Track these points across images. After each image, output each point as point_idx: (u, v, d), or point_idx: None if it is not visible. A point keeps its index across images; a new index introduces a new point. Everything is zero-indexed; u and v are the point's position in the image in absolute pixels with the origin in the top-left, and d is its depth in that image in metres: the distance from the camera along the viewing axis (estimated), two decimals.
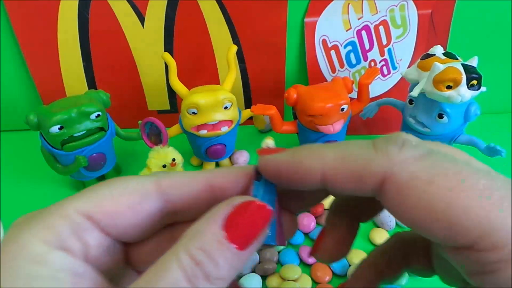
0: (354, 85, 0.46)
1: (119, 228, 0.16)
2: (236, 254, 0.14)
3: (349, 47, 0.51)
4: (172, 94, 0.56)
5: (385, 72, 0.52)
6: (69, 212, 0.15)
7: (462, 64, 0.37)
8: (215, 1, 0.49)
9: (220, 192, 0.17)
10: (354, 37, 0.50)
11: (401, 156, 0.14)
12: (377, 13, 0.49)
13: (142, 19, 0.50)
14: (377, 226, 0.42)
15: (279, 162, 0.16)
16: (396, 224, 0.42)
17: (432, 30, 0.50)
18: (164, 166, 0.43)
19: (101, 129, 0.43)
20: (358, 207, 0.19)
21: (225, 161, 0.50)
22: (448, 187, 0.13)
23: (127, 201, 0.16)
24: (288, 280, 0.36)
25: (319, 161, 0.15)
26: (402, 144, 0.14)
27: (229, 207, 0.14)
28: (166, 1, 0.49)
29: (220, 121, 0.44)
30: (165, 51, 0.52)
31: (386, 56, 0.51)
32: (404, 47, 0.50)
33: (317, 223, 0.42)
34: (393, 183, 0.13)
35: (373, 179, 0.14)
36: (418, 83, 0.41)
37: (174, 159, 0.43)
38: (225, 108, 0.44)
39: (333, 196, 0.19)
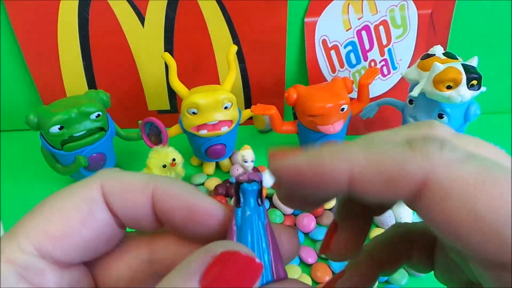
0: (354, 85, 0.46)
1: (74, 250, 0.14)
2: None
3: (349, 47, 0.51)
4: (172, 94, 0.56)
5: (385, 72, 0.52)
6: (13, 255, 0.13)
7: (462, 64, 0.37)
8: (215, 1, 0.49)
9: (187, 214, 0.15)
10: (354, 37, 0.50)
11: (443, 157, 0.12)
12: (377, 13, 0.49)
13: (142, 19, 0.50)
14: (377, 226, 0.42)
15: (298, 167, 0.13)
16: None
17: (432, 30, 0.50)
18: (164, 166, 0.43)
19: (101, 129, 0.43)
20: None
21: (225, 161, 0.50)
22: (502, 196, 0.11)
23: (76, 216, 0.14)
24: None
25: (346, 162, 0.13)
26: (441, 143, 0.12)
27: (207, 257, 0.12)
28: (166, 1, 0.49)
29: (220, 121, 0.44)
30: (165, 51, 0.52)
31: (386, 56, 0.51)
32: (404, 47, 0.50)
33: (317, 223, 0.42)
34: (436, 187, 0.11)
35: (411, 182, 0.12)
36: (418, 83, 0.41)
37: (174, 159, 0.43)
38: (225, 108, 0.44)
39: (356, 203, 0.16)
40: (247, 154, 0.16)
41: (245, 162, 0.16)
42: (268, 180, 0.15)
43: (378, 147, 0.13)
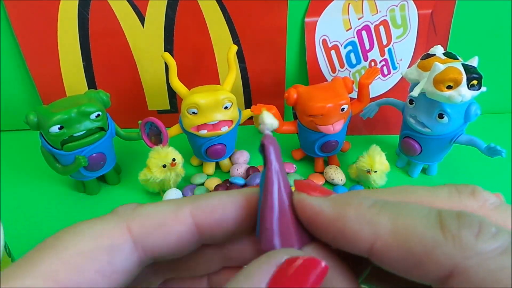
0: (354, 85, 0.46)
1: None
2: None
3: (349, 47, 0.51)
4: (172, 94, 0.56)
5: (385, 72, 0.52)
6: None
7: (463, 64, 0.37)
8: (215, 1, 0.49)
9: (214, 225, 0.14)
10: (354, 37, 0.50)
11: (478, 248, 0.10)
12: (377, 13, 0.49)
13: (142, 19, 0.50)
14: None
15: (318, 212, 0.13)
16: None
17: (433, 30, 0.50)
18: (164, 166, 0.43)
19: (101, 129, 0.43)
20: None
21: (225, 161, 0.50)
22: None
23: (91, 265, 0.12)
24: None
25: (370, 231, 0.12)
26: (478, 229, 0.11)
27: (271, 266, 0.12)
28: (166, 1, 0.49)
29: (220, 121, 0.44)
30: (165, 51, 0.52)
31: (387, 56, 0.51)
32: (404, 47, 0.50)
33: None
34: (466, 281, 0.10)
35: (438, 269, 0.11)
36: (418, 83, 0.41)
37: (174, 159, 0.43)
38: (225, 108, 0.43)
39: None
40: (263, 118, 0.15)
41: (261, 123, 0.14)
42: (269, 120, 0.14)
43: (407, 221, 0.12)
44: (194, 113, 0.43)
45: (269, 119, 0.15)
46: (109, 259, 0.13)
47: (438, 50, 0.42)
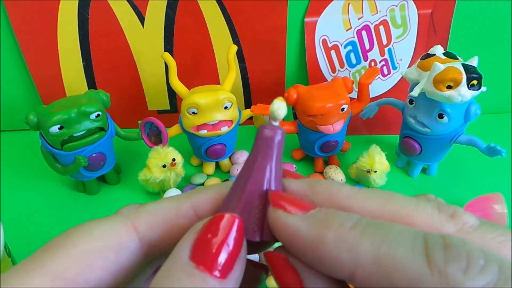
0: (354, 85, 0.46)
1: None
2: (219, 283, 0.11)
3: (349, 47, 0.51)
4: (172, 94, 0.56)
5: (385, 72, 0.52)
6: None
7: (462, 64, 0.37)
8: (215, 1, 0.49)
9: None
10: (354, 37, 0.50)
11: (466, 286, 0.10)
12: (377, 13, 0.49)
13: (142, 19, 0.50)
14: None
15: (295, 233, 0.12)
16: None
17: (432, 30, 0.50)
18: (164, 166, 0.43)
19: (101, 129, 0.43)
20: None
21: (225, 161, 0.50)
22: None
23: (99, 262, 0.13)
24: None
25: (350, 257, 0.11)
26: (466, 263, 0.10)
27: (192, 234, 0.12)
28: (166, 1, 0.49)
29: (220, 121, 0.44)
30: (165, 51, 0.52)
31: (386, 56, 0.51)
32: (404, 47, 0.50)
33: None
34: None
35: None
36: (418, 83, 0.41)
37: (174, 159, 0.43)
38: (225, 108, 0.43)
39: None
40: (280, 108, 0.15)
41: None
42: (274, 107, 0.14)
43: (391, 250, 0.11)
44: (194, 113, 0.43)
45: (275, 106, 0.14)
46: (116, 257, 0.13)
47: (438, 50, 0.42)
